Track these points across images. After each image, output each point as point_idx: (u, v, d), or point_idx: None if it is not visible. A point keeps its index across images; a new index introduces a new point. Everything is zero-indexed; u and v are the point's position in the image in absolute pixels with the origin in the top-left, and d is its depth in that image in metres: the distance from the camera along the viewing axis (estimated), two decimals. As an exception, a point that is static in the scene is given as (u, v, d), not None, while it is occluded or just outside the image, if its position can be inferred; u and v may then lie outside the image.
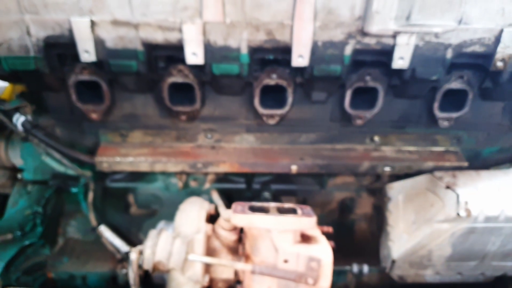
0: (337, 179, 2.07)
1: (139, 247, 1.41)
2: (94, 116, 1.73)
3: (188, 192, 2.06)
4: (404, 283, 2.02)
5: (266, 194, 2.02)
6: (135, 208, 2.17)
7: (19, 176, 2.10)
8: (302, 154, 1.86)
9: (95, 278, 2.06)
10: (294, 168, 1.83)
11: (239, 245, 1.62)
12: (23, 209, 2.03)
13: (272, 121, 1.76)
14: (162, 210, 2.14)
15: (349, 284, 2.21)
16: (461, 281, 2.01)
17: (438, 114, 1.74)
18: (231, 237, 1.59)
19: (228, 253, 1.62)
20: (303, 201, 2.12)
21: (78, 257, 2.08)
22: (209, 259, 1.41)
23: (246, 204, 1.57)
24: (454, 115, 1.74)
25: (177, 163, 1.81)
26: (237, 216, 1.45)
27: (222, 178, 2.08)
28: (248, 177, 2.06)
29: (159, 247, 1.37)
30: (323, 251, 1.48)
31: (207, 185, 2.07)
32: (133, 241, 2.13)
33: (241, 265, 1.41)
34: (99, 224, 2.02)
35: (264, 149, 1.88)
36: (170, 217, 1.72)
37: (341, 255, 1.54)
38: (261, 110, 1.71)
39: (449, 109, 1.74)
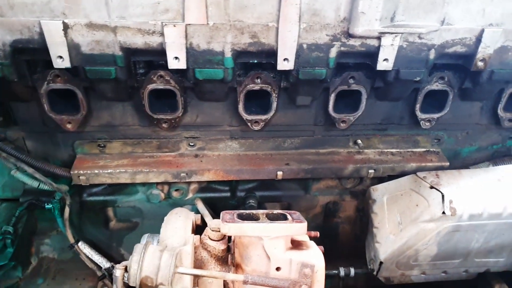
0: (320, 183, 2.06)
1: (124, 263, 1.32)
2: (69, 126, 1.63)
3: (170, 203, 1.98)
4: (390, 284, 2.02)
5: (251, 202, 1.98)
6: (114, 222, 2.07)
7: (-15, 194, 1.96)
8: (287, 159, 1.84)
9: (73, 299, 1.94)
10: (280, 174, 1.80)
11: (228, 255, 1.57)
12: (-8, 229, 1.89)
13: (256, 127, 1.73)
14: (144, 223, 2.05)
15: (336, 288, 2.20)
16: (446, 279, 2.03)
17: (420, 115, 1.77)
18: (220, 247, 1.53)
19: (216, 264, 1.55)
20: (288, 207, 2.09)
21: (53, 277, 1.97)
22: (199, 271, 1.35)
23: (234, 212, 1.52)
24: (435, 115, 1.77)
25: (159, 173, 1.74)
26: (226, 225, 1.40)
27: (205, 187, 2.01)
28: (232, 185, 2.02)
29: (146, 261, 1.29)
30: (315, 256, 1.45)
31: (190, 195, 2.00)
32: (114, 257, 2.04)
33: (232, 276, 1.36)
34: (76, 240, 1.92)
35: (249, 155, 1.84)
36: (152, 229, 1.65)
37: (327, 259, 1.52)
38: (246, 116, 1.68)
39: (430, 110, 1.77)
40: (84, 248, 1.94)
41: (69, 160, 1.77)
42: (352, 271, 2.07)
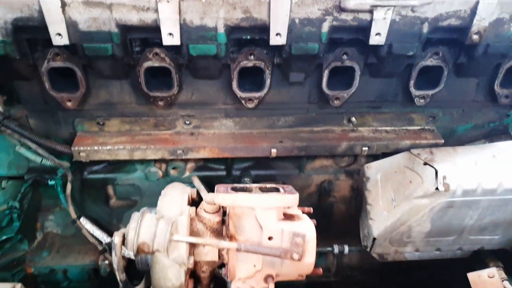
0: (315, 163, 2.09)
1: (122, 230, 1.38)
2: (69, 104, 1.69)
3: (167, 181, 2.03)
4: (384, 261, 2.05)
5: (247, 180, 2.02)
6: (114, 200, 2.13)
7: (-9, 172, 2.03)
8: (281, 137, 1.87)
9: (76, 271, 2.02)
10: (274, 152, 1.84)
11: (222, 227, 1.62)
12: (-2, 205, 1.96)
13: (250, 105, 1.76)
14: (143, 201, 2.11)
15: (330, 266, 2.24)
16: (440, 257, 2.06)
17: (414, 92, 1.78)
18: (215, 219, 1.58)
19: (212, 235, 1.60)
20: (284, 186, 2.12)
21: (58, 251, 2.03)
22: (194, 239, 1.40)
23: (228, 186, 1.56)
24: (430, 92, 1.78)
25: (156, 150, 1.79)
26: (220, 195, 1.45)
27: (201, 166, 2.06)
28: (228, 164, 2.06)
29: (143, 228, 1.35)
30: (306, 226, 1.49)
31: (187, 173, 2.05)
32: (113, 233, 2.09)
33: (226, 244, 1.41)
34: (78, 216, 1.98)
35: (243, 134, 1.88)
36: (150, 207, 1.69)
37: (321, 238, 1.56)
38: (240, 93, 1.71)
39: (424, 86, 1.78)
40: (85, 223, 2.01)
41: (70, 138, 1.83)
42: (346, 248, 2.10)
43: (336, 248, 2.09)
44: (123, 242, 1.40)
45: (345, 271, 2.24)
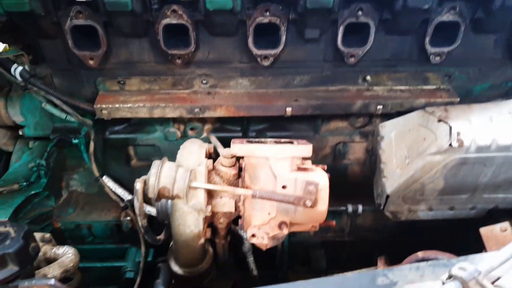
0: (330, 124, 2.12)
1: (143, 177, 1.45)
2: (91, 63, 1.76)
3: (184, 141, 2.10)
4: (398, 221, 2.08)
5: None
6: (135, 161, 2.21)
7: (20, 132, 2.13)
8: (296, 96, 1.90)
9: (100, 227, 2.12)
10: (289, 110, 1.87)
11: (238, 181, 1.68)
12: (27, 163, 2.07)
13: (266, 62, 1.79)
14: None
15: (344, 226, 2.29)
16: (453, 217, 2.08)
17: (430, 49, 1.78)
18: (231, 172, 1.64)
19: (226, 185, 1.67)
20: (299, 147, 2.16)
21: (82, 208, 2.14)
22: (211, 186, 1.46)
23: (244, 139, 1.62)
24: (446, 49, 1.77)
25: (175, 108, 1.85)
26: (236, 146, 1.50)
27: (218, 127, 2.12)
28: (244, 125, 2.11)
29: (163, 174, 1.42)
30: (319, 176, 1.54)
31: (204, 134, 2.11)
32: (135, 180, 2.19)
33: (242, 191, 1.47)
34: (101, 175, 2.07)
35: (259, 93, 1.92)
36: None
37: (335, 199, 1.59)
38: (255, 51, 1.75)
39: (440, 44, 1.77)
40: (108, 181, 2.10)
41: (92, 97, 1.90)
42: (360, 208, 2.15)
43: (350, 208, 2.13)
44: (145, 189, 1.47)
45: (358, 231, 2.28)
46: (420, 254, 1.79)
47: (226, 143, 2.10)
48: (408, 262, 1.81)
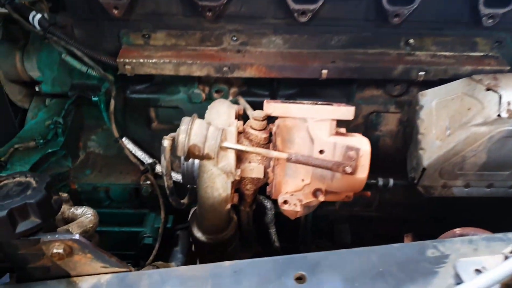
0: (365, 92, 1.99)
1: (171, 135, 1.35)
2: (115, 12, 1.63)
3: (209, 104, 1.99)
4: (430, 197, 1.97)
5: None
6: (156, 123, 2.11)
7: (36, 89, 2.03)
8: (333, 58, 1.77)
9: (118, 190, 2.04)
10: (324, 72, 1.74)
11: (269, 145, 1.57)
12: (43, 120, 1.98)
13: (303, 18, 1.66)
14: (183, 125, 2.08)
15: (372, 200, 2.18)
16: (490, 194, 1.96)
17: (483, 9, 1.63)
18: (262, 135, 1.52)
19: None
20: (330, 115, 2.04)
21: (100, 170, 2.06)
22: (244, 147, 1.36)
23: (278, 100, 1.50)
24: (501, 11, 1.62)
25: (202, 65, 1.73)
26: (271, 105, 1.38)
27: (245, 90, 2.00)
28: (273, 89, 1.98)
29: (194, 131, 1.31)
30: (360, 141, 1.42)
31: (230, 98, 1.99)
32: (155, 155, 2.09)
33: (277, 153, 1.36)
34: (121, 136, 1.98)
35: (292, 53, 1.79)
36: None
37: None
38: (293, 5, 1.61)
39: (495, 4, 1.62)
40: (128, 143, 2.01)
41: (115, 50, 1.78)
42: (391, 181, 2.04)
43: (380, 181, 2.03)
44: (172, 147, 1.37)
45: (387, 206, 2.18)
46: (458, 231, 1.68)
47: (253, 108, 1.99)
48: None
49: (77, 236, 1.00)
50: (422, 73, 1.76)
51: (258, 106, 1.99)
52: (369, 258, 1.12)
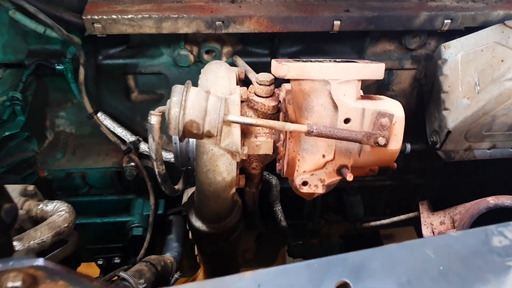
0: (377, 46, 1.72)
1: (160, 108, 1.06)
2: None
3: (200, 68, 1.68)
4: (449, 161, 1.79)
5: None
6: (137, 94, 1.79)
7: (-16, 58, 1.67)
8: (346, 6, 1.49)
9: (97, 175, 1.76)
10: (337, 24, 1.46)
11: (278, 115, 1.31)
12: (-3, 96, 1.63)
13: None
14: (170, 95, 1.77)
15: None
16: (512, 156, 1.79)
17: None
18: (270, 103, 1.26)
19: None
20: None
21: (73, 152, 1.75)
22: (254, 120, 1.09)
23: (289, 59, 1.22)
24: None
25: (190, 20, 1.41)
26: (285, 65, 1.11)
27: (241, 50, 1.69)
28: (274, 48, 1.68)
29: (190, 102, 1.02)
30: (393, 106, 1.18)
31: (223, 59, 1.69)
32: (138, 131, 1.80)
33: (294, 126, 1.09)
34: (95, 111, 1.67)
35: (298, 1, 1.49)
36: None
37: None
38: None
39: None
40: (104, 119, 1.70)
41: (78, 6, 1.44)
42: (408, 147, 1.83)
43: (398, 147, 1.81)
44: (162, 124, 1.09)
45: (401, 174, 1.99)
46: (491, 200, 1.51)
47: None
48: (476, 211, 1.53)
49: (40, 261, 0.71)
50: (447, 21, 1.51)
51: (257, 68, 1.71)
52: (423, 254, 0.90)
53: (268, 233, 1.96)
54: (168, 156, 1.72)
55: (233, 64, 1.63)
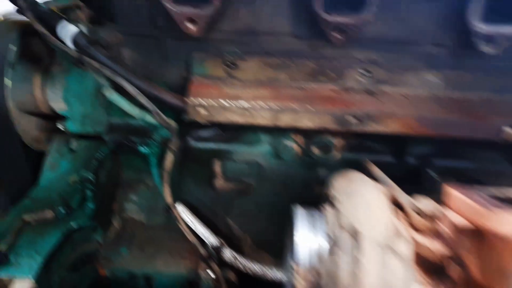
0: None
1: (307, 267, 0.72)
2: (191, 28, 1.03)
3: (306, 162, 1.36)
4: None
5: (431, 173, 1.31)
6: (222, 181, 1.48)
7: (60, 126, 1.45)
8: (516, 108, 1.14)
9: (165, 281, 1.41)
10: (508, 131, 1.11)
11: (445, 261, 0.93)
12: (67, 174, 1.38)
13: (488, 47, 1.03)
14: (261, 186, 1.45)
15: None
16: None
17: None
18: (434, 246, 0.89)
19: (421, 272, 0.93)
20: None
21: (141, 248, 1.43)
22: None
23: (476, 189, 0.87)
24: None
25: (314, 114, 1.11)
26: (503, 215, 0.74)
27: (356, 144, 1.37)
28: (399, 146, 1.35)
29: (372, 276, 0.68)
30: None
31: (336, 154, 1.36)
32: (218, 227, 1.48)
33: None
34: (175, 201, 1.37)
35: (455, 98, 1.16)
36: (272, 197, 1.26)
37: None
38: (478, 26, 0.98)
39: None
40: (183, 212, 1.39)
41: (178, 83, 1.19)
42: None
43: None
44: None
45: None
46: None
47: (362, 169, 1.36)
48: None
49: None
50: None
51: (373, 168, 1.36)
52: None
53: None
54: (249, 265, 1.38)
55: (351, 161, 1.30)
